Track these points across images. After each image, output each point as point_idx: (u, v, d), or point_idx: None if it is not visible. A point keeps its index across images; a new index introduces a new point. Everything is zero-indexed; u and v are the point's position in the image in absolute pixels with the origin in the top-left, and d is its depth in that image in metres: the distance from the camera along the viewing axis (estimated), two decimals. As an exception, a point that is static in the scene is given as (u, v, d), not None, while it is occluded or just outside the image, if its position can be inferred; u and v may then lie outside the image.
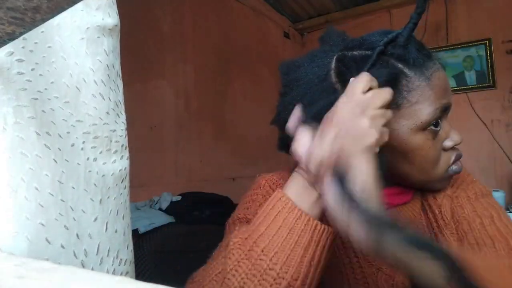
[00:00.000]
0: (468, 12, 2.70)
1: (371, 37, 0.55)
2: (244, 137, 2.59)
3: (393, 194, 0.61)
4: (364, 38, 0.56)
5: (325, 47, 0.60)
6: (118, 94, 0.44)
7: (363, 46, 0.54)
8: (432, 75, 0.53)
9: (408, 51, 0.52)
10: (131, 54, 1.80)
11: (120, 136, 0.43)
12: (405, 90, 0.52)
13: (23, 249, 0.30)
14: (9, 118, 0.32)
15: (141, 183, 1.78)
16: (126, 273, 0.41)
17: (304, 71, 0.58)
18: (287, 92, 0.59)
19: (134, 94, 1.81)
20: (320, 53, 0.59)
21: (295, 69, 0.60)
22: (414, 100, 0.52)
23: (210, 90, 2.34)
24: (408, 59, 0.52)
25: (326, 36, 0.62)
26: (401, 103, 0.52)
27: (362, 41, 0.55)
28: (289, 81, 0.59)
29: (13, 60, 0.33)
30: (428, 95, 0.52)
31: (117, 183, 0.41)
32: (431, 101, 0.52)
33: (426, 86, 0.52)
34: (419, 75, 0.52)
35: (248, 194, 0.64)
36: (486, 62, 2.65)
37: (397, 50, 0.52)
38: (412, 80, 0.52)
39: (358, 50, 0.54)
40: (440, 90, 0.53)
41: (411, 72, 0.52)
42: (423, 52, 0.53)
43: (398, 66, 0.52)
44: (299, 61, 0.60)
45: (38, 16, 0.22)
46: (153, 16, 1.99)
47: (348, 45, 0.56)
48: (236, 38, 2.59)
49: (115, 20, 0.44)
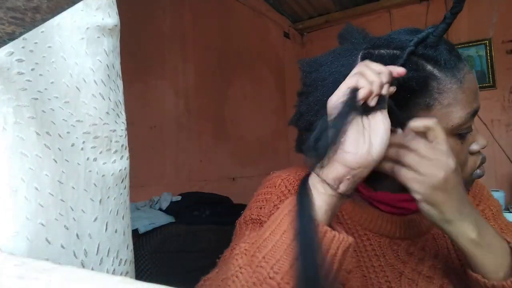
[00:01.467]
0: (468, 12, 2.70)
1: (399, 36, 0.53)
2: (244, 137, 2.59)
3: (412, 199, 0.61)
4: (392, 37, 0.54)
5: (347, 45, 0.58)
6: (118, 94, 0.44)
7: (391, 44, 0.53)
8: (464, 78, 0.51)
9: (438, 52, 0.50)
10: (131, 54, 1.80)
11: (120, 136, 0.43)
12: (436, 91, 0.50)
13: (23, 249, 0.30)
14: (9, 118, 0.32)
15: (141, 183, 1.78)
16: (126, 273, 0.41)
17: (328, 70, 0.55)
18: (310, 92, 0.57)
19: (134, 94, 1.81)
20: (343, 51, 0.57)
21: (317, 67, 0.57)
22: (446, 103, 0.50)
23: (210, 90, 2.34)
24: (439, 61, 0.50)
25: (346, 33, 0.60)
26: (433, 105, 0.51)
27: (390, 40, 0.53)
28: (313, 80, 0.57)
29: (13, 60, 0.33)
30: (460, 99, 0.51)
31: (117, 183, 0.41)
32: (463, 105, 0.51)
33: (458, 89, 0.50)
34: (451, 77, 0.50)
35: (261, 192, 0.60)
36: (486, 62, 2.65)
37: (427, 50, 0.50)
38: (444, 82, 0.50)
39: (386, 49, 0.53)
40: (472, 93, 0.52)
41: (442, 74, 0.50)
42: (453, 53, 0.52)
43: (428, 68, 0.51)
44: (320, 60, 0.58)
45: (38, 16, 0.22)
46: (153, 16, 1.99)
47: (375, 43, 0.55)
48: (236, 38, 2.59)
49: (115, 20, 0.44)
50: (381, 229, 0.59)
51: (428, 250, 0.60)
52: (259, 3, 2.87)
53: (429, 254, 0.59)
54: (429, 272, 0.58)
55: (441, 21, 0.49)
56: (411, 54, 0.50)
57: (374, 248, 0.58)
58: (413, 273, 0.57)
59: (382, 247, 0.58)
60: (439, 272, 0.58)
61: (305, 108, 0.57)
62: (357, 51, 0.56)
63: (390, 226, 0.59)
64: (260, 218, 0.55)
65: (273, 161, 2.78)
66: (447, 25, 0.49)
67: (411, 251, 0.59)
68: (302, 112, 0.57)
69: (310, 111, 0.54)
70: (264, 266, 0.40)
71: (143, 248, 1.42)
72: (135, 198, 1.69)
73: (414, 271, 0.57)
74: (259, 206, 0.57)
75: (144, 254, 1.41)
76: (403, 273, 0.57)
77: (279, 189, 0.58)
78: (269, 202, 0.57)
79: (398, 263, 0.57)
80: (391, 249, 0.58)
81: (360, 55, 0.55)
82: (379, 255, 0.58)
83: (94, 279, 0.19)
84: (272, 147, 2.81)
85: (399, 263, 0.58)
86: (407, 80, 0.49)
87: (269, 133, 2.80)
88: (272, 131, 2.83)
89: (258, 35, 2.87)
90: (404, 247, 0.59)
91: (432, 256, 0.59)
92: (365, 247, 0.59)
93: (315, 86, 0.56)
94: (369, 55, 0.54)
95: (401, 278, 0.57)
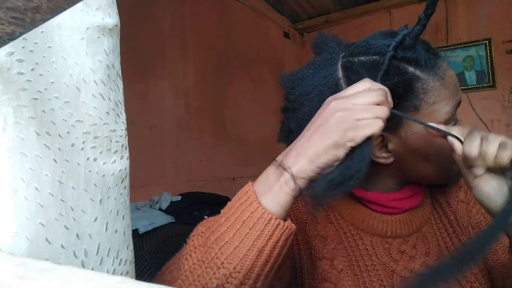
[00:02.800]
0: (468, 12, 2.70)
1: (375, 41, 0.54)
2: (244, 137, 2.59)
3: (405, 197, 0.61)
4: (368, 43, 0.54)
5: (325, 55, 0.58)
6: (118, 94, 0.44)
7: (370, 51, 0.53)
8: (444, 74, 0.52)
9: (417, 53, 0.51)
10: (131, 54, 1.80)
11: (120, 136, 0.43)
12: (421, 92, 0.51)
13: (23, 249, 0.30)
14: (9, 118, 0.32)
15: (141, 183, 1.78)
16: (126, 273, 0.41)
17: (311, 83, 0.56)
18: (296, 108, 0.57)
19: (134, 94, 1.81)
20: (323, 62, 0.57)
21: (299, 82, 0.58)
22: (432, 101, 0.52)
23: (210, 90, 2.34)
24: (420, 61, 0.51)
25: (320, 42, 0.60)
26: (420, 105, 0.52)
27: (367, 46, 0.54)
28: (298, 96, 0.57)
29: (13, 60, 0.33)
30: (444, 94, 0.52)
31: (117, 183, 0.41)
32: (447, 100, 0.52)
33: (441, 86, 0.52)
34: (433, 75, 0.52)
35: None
36: (486, 62, 2.65)
37: (406, 53, 0.51)
38: (427, 81, 0.51)
39: (365, 56, 0.53)
40: (453, 87, 0.53)
41: (425, 74, 0.51)
42: (431, 51, 0.53)
43: (410, 70, 0.52)
44: (301, 73, 0.58)
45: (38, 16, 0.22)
46: (153, 16, 1.99)
47: (353, 51, 0.55)
48: (236, 38, 2.59)
49: (115, 20, 0.44)
50: (373, 229, 0.60)
51: (419, 248, 0.61)
52: (259, 3, 2.86)
53: (420, 252, 0.60)
54: (421, 269, 0.59)
55: (416, 22, 0.50)
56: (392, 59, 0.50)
57: (366, 247, 0.59)
58: (404, 271, 0.58)
59: (374, 246, 0.59)
60: None
61: (294, 125, 0.57)
62: (336, 60, 0.56)
63: (382, 225, 0.60)
64: None
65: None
66: (422, 27, 0.49)
67: (402, 249, 0.60)
68: (292, 128, 0.58)
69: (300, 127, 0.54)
70: (214, 248, 0.43)
71: (143, 248, 1.42)
72: (135, 198, 1.69)
73: (406, 269, 0.58)
74: None
75: (144, 254, 1.41)
76: (395, 271, 0.58)
77: None
78: None
79: (390, 262, 0.58)
80: (383, 248, 0.60)
81: (340, 64, 0.55)
82: (371, 254, 0.59)
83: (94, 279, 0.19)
84: (272, 147, 2.80)
85: (391, 262, 0.59)
86: (393, 86, 0.50)
87: (269, 133, 2.80)
88: (272, 131, 2.82)
89: (258, 35, 2.87)
90: (395, 246, 0.60)
91: (423, 253, 0.60)
92: (357, 246, 0.59)
93: (301, 101, 0.56)
94: (349, 63, 0.54)
95: (392, 276, 0.58)
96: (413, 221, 0.61)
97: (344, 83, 0.54)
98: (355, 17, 3.12)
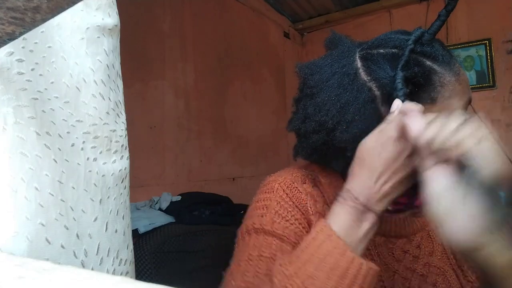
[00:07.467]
0: (468, 12, 2.70)
1: (394, 35, 0.56)
2: (244, 137, 2.58)
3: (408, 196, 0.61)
4: (387, 37, 0.56)
5: (341, 48, 0.59)
6: (118, 94, 0.44)
7: (389, 44, 0.55)
8: (459, 70, 0.54)
9: (435, 48, 0.53)
10: (131, 54, 1.80)
11: (120, 136, 0.43)
12: (438, 85, 0.53)
13: (23, 249, 0.30)
14: (9, 118, 0.32)
15: (141, 183, 1.78)
16: (126, 273, 0.41)
17: (330, 71, 0.57)
18: (315, 93, 0.57)
19: (134, 94, 1.81)
20: (340, 53, 0.58)
21: (317, 69, 0.58)
22: (447, 95, 0.53)
23: (210, 90, 2.34)
24: (437, 56, 0.53)
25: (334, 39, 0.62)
26: (436, 98, 0.53)
27: (386, 39, 0.56)
28: (317, 82, 0.57)
29: (13, 60, 0.33)
30: (458, 90, 0.54)
31: (117, 183, 0.41)
32: (461, 95, 0.54)
33: (455, 82, 0.53)
34: (449, 70, 0.53)
35: (259, 198, 0.60)
36: (486, 62, 2.65)
37: (425, 48, 0.53)
38: (444, 75, 0.53)
39: (384, 48, 0.55)
40: (466, 84, 0.55)
41: (441, 69, 0.53)
42: (446, 49, 0.55)
43: (427, 64, 0.53)
44: (319, 62, 0.59)
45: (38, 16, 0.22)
46: (153, 16, 1.99)
47: (372, 44, 0.57)
48: (236, 38, 2.59)
49: (115, 20, 0.44)
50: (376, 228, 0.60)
51: (423, 247, 0.60)
52: (259, 3, 2.86)
53: (424, 252, 0.60)
54: (423, 270, 0.59)
55: (436, 18, 0.51)
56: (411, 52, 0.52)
57: (369, 248, 0.59)
58: (406, 271, 0.58)
59: (377, 246, 0.59)
60: (433, 270, 0.59)
61: (312, 109, 0.56)
62: (353, 52, 0.57)
63: (385, 225, 0.59)
64: (263, 227, 0.55)
65: (273, 161, 2.78)
66: (441, 22, 0.51)
67: (406, 249, 0.59)
68: (309, 113, 0.57)
69: (319, 111, 0.55)
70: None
71: (143, 248, 1.42)
72: (135, 198, 1.69)
73: (408, 270, 0.58)
74: (260, 214, 0.57)
75: (144, 254, 1.41)
76: (396, 272, 0.58)
77: (277, 194, 0.58)
78: (269, 209, 0.57)
79: (393, 262, 0.58)
80: (386, 247, 0.59)
81: (358, 55, 0.57)
82: (373, 255, 0.58)
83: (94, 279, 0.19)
84: (272, 147, 2.80)
85: (393, 262, 0.58)
86: (414, 75, 0.51)
87: (269, 133, 2.80)
88: (272, 131, 2.83)
89: (258, 35, 2.87)
90: (399, 245, 0.59)
91: (427, 253, 0.60)
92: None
93: (320, 87, 0.56)
94: (368, 55, 0.56)
95: (394, 277, 0.57)
96: (418, 220, 0.61)
97: (364, 72, 0.55)
98: (355, 17, 3.12)
